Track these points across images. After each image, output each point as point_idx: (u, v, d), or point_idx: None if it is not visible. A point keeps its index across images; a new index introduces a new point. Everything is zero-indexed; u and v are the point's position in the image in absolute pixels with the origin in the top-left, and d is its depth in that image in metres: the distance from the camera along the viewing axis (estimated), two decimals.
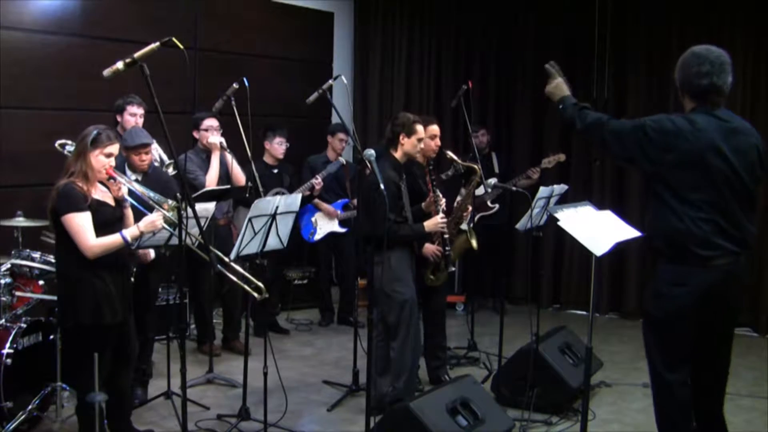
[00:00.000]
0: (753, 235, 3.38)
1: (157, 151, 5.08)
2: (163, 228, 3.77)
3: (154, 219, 3.66)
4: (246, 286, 3.94)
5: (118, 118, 5.03)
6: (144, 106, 5.01)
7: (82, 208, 3.56)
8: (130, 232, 3.64)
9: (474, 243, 5.00)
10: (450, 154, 5.10)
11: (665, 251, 3.34)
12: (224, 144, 5.37)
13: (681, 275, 3.29)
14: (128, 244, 3.65)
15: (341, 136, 6.47)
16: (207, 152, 5.49)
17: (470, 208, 5.06)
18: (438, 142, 5.01)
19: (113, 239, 3.60)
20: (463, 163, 5.19)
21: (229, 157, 5.37)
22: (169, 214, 3.68)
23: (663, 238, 3.34)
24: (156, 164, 4.87)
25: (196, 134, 5.56)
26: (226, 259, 3.90)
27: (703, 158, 3.22)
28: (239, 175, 5.42)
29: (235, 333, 5.90)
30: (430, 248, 4.83)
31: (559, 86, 3.59)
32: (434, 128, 4.98)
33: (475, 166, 5.08)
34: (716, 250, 3.25)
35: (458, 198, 5.07)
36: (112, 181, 3.72)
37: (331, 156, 6.51)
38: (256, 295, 3.89)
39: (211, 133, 5.45)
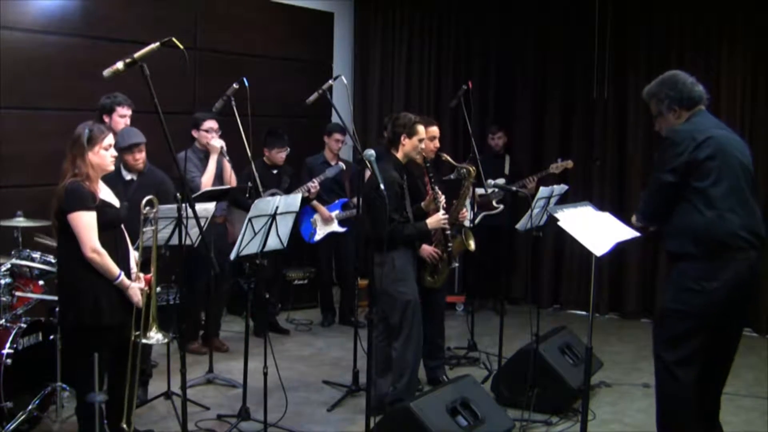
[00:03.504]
0: (764, 227, 3.43)
1: None
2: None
3: (138, 292, 3.65)
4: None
5: (106, 119, 4.88)
6: (132, 106, 4.92)
7: (90, 207, 3.54)
8: (124, 280, 3.60)
9: (471, 245, 4.95)
10: (446, 156, 5.08)
11: (692, 249, 3.37)
12: (224, 149, 5.39)
13: (710, 271, 3.34)
14: (116, 282, 3.59)
15: (337, 136, 6.46)
16: (205, 152, 5.52)
17: (465, 211, 5.02)
18: (437, 143, 5.00)
19: (112, 269, 3.56)
20: (459, 165, 5.15)
21: (227, 164, 5.41)
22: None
23: (688, 237, 3.37)
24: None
25: (195, 133, 5.54)
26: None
27: (723, 152, 3.33)
28: (233, 183, 5.49)
29: (216, 330, 5.93)
30: (427, 249, 4.82)
31: None
32: (434, 130, 4.98)
33: (471, 168, 5.02)
34: (743, 243, 3.33)
35: (454, 201, 5.04)
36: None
37: (329, 156, 6.50)
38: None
39: (212, 134, 5.46)
